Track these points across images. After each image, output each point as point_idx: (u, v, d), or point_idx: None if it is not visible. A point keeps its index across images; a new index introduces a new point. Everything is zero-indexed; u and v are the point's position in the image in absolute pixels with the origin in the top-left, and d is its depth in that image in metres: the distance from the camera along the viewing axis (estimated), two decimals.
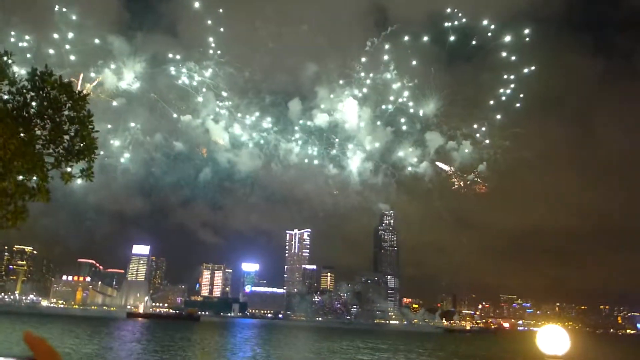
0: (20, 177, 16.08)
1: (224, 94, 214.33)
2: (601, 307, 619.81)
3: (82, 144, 16.72)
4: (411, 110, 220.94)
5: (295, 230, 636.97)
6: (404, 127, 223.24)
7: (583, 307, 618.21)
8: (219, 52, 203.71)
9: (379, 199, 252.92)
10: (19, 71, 16.75)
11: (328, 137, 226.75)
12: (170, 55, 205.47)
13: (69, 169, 16.88)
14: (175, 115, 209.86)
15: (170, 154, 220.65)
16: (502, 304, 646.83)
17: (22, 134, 15.96)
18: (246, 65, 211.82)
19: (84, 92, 16.75)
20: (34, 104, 16.31)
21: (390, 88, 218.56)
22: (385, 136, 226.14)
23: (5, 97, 16.11)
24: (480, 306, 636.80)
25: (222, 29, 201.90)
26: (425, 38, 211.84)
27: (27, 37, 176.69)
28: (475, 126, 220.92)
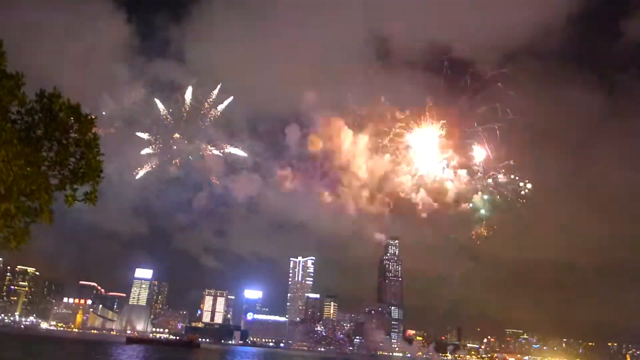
0: (23, 199, 15.96)
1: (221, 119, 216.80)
2: (609, 344, 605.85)
3: (87, 167, 16.65)
4: (407, 140, 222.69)
5: (300, 258, 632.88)
6: (399, 157, 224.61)
7: (591, 343, 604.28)
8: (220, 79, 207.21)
9: (375, 228, 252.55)
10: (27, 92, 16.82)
11: (322, 164, 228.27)
12: (172, 81, 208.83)
13: (72, 192, 16.76)
14: (172, 140, 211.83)
15: (167, 178, 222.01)
16: (508, 338, 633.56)
17: (27, 156, 15.90)
18: (244, 91, 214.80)
19: (91, 115, 16.78)
20: (41, 125, 16.31)
21: (387, 117, 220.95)
22: (381, 165, 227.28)
23: (14, 117, 16.12)
24: (485, 340, 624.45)
25: (223, 53, 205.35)
26: (425, 69, 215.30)
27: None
28: (472, 155, 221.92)
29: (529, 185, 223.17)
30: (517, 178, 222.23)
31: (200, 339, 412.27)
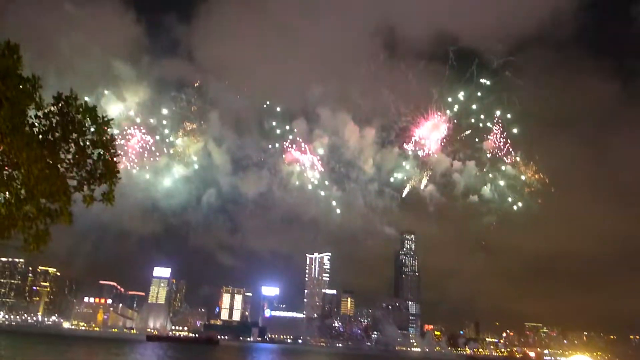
0: (43, 201, 16.22)
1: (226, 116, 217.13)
2: (631, 337, 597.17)
3: (104, 168, 16.87)
4: (414, 133, 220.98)
5: (316, 254, 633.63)
6: (406, 150, 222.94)
7: (612, 336, 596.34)
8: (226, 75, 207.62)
9: (385, 222, 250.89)
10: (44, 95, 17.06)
11: (329, 159, 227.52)
12: (181, 79, 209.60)
13: (90, 192, 16.99)
14: (178, 139, 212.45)
15: (176, 177, 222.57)
16: (528, 332, 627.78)
17: (47, 158, 16.15)
18: (251, 87, 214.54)
19: (107, 116, 16.97)
20: (59, 128, 16.55)
21: (393, 110, 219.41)
22: (389, 158, 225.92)
23: (32, 121, 16.37)
24: (504, 334, 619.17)
25: (229, 49, 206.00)
26: (431, 60, 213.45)
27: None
28: (480, 146, 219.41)
29: (540, 175, 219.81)
30: (528, 169, 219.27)
31: (219, 336, 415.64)
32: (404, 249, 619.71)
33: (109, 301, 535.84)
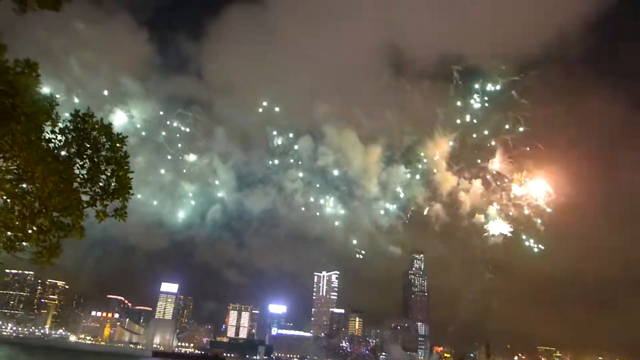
0: (56, 214, 16.51)
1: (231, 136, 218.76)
2: None
3: (117, 184, 17.17)
4: (419, 152, 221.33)
5: (324, 272, 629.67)
6: (413, 170, 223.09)
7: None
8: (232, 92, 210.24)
9: (389, 241, 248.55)
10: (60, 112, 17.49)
11: (333, 179, 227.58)
12: (190, 97, 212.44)
13: (103, 208, 17.28)
14: (182, 157, 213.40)
15: (180, 194, 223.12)
16: (540, 356, 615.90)
17: (61, 173, 16.48)
18: (257, 104, 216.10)
19: (122, 134, 17.32)
20: (74, 144, 16.92)
21: (398, 129, 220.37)
22: (394, 177, 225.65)
23: (48, 136, 16.76)
24: (516, 357, 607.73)
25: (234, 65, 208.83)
26: (436, 79, 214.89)
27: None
28: (486, 166, 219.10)
29: (546, 197, 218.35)
30: (534, 190, 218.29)
31: (225, 354, 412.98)
32: (413, 269, 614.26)
33: (116, 315, 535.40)
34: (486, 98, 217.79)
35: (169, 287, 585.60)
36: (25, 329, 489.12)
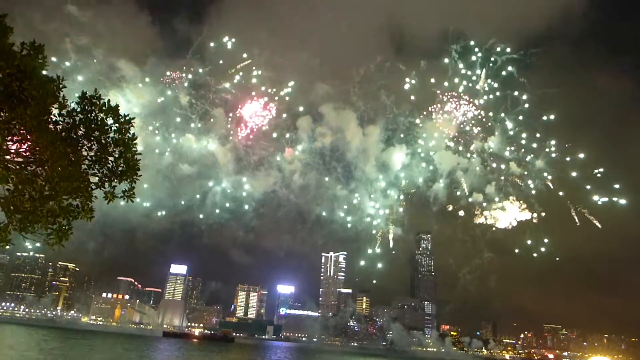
0: (66, 197, 16.64)
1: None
2: None
3: (125, 165, 17.25)
4: (417, 132, 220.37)
5: (331, 253, 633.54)
6: (413, 150, 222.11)
7: (634, 339, 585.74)
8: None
9: (390, 222, 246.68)
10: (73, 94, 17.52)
11: (331, 159, 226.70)
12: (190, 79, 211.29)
13: (111, 189, 17.41)
14: (179, 139, 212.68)
15: (180, 175, 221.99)
16: (546, 334, 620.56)
17: (70, 155, 16.58)
18: (257, 86, 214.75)
19: (129, 115, 17.34)
20: (81, 126, 16.98)
21: (397, 110, 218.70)
22: (392, 157, 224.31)
23: (55, 119, 16.82)
24: (522, 335, 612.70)
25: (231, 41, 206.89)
26: (436, 59, 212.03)
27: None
28: (486, 145, 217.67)
29: (548, 177, 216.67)
30: (535, 167, 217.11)
31: (234, 334, 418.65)
32: (420, 249, 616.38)
33: (127, 297, 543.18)
34: (487, 76, 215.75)
35: (178, 269, 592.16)
36: (37, 311, 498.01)
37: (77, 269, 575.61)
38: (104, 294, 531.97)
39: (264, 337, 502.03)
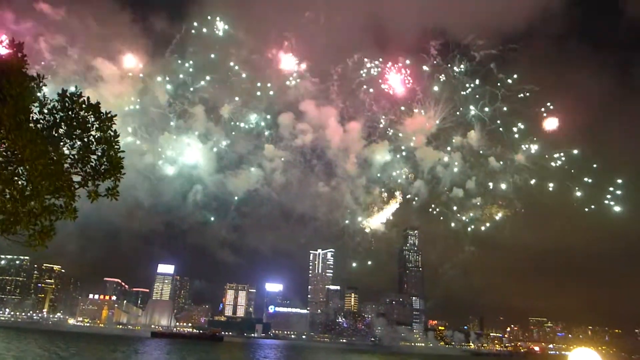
0: (48, 197, 16.38)
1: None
2: (636, 330, 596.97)
3: (108, 164, 17.02)
4: (399, 129, 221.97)
5: (319, 250, 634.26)
6: (391, 146, 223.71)
7: (617, 330, 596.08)
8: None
9: (373, 219, 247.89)
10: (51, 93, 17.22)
11: (312, 156, 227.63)
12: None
13: (94, 188, 17.16)
14: (159, 138, 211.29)
15: (160, 175, 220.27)
16: (532, 327, 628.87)
17: (51, 154, 16.31)
18: (237, 83, 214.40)
19: (111, 113, 17.11)
20: (62, 124, 16.71)
21: (378, 107, 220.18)
22: (374, 154, 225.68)
23: (36, 117, 16.54)
24: (508, 329, 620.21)
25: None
26: (416, 56, 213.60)
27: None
28: (466, 141, 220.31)
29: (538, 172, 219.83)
30: (515, 163, 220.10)
31: (223, 333, 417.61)
32: (408, 245, 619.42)
33: (114, 298, 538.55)
34: (465, 72, 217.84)
35: (166, 269, 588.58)
36: (23, 314, 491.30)
37: (63, 271, 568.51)
38: (91, 296, 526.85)
39: (253, 335, 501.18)
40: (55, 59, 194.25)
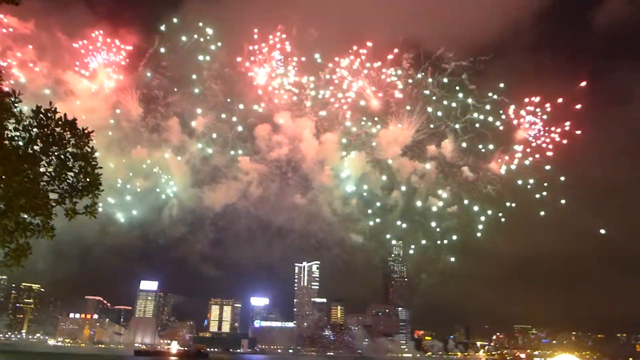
0: (24, 215, 16.02)
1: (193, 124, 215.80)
2: (618, 335, 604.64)
3: (86, 180, 16.73)
4: (371, 140, 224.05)
5: (304, 263, 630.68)
6: (370, 157, 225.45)
7: (600, 335, 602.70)
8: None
9: (351, 230, 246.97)
10: (23, 108, 16.92)
11: (287, 168, 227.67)
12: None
13: (72, 206, 16.84)
14: (131, 152, 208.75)
15: (134, 192, 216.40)
16: (517, 334, 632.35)
17: (27, 171, 15.99)
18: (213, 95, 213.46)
19: (87, 129, 16.87)
20: (38, 141, 16.41)
21: (354, 118, 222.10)
22: (350, 165, 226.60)
23: (11, 134, 16.22)
24: (494, 337, 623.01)
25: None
26: (391, 67, 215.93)
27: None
28: (439, 151, 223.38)
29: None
30: (489, 172, 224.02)
31: (208, 349, 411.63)
32: (392, 255, 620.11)
33: (95, 316, 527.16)
34: (437, 84, 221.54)
35: (149, 285, 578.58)
36: (1, 335, 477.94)
37: (42, 290, 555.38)
38: (72, 315, 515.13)
39: (239, 350, 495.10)
40: (24, 73, 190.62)
